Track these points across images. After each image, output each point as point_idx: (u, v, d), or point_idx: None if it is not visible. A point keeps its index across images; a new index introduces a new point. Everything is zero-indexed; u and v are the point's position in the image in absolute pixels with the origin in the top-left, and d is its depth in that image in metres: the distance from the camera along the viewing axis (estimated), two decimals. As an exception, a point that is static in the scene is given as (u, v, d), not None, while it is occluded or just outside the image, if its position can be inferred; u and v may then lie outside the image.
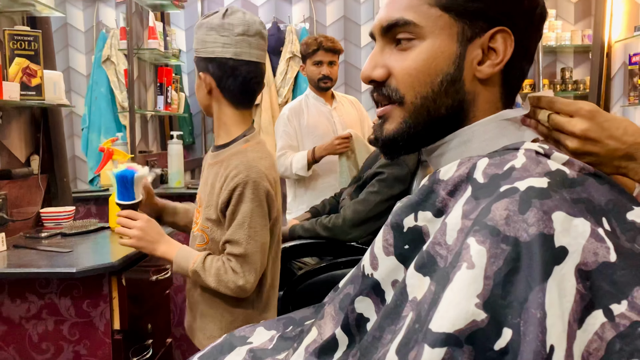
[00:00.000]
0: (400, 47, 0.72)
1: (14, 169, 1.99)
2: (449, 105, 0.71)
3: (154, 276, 1.86)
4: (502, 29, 0.70)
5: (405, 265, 0.70)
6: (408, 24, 0.70)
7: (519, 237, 0.56)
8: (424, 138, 0.74)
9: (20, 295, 1.55)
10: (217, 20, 1.35)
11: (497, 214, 0.58)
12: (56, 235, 1.94)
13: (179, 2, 3.28)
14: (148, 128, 3.45)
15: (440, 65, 0.70)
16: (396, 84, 0.72)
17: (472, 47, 0.70)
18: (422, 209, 0.69)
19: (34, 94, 1.92)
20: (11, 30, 1.90)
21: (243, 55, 1.36)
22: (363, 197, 2.08)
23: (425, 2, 0.70)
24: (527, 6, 0.71)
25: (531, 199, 0.57)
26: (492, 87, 0.72)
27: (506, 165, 0.64)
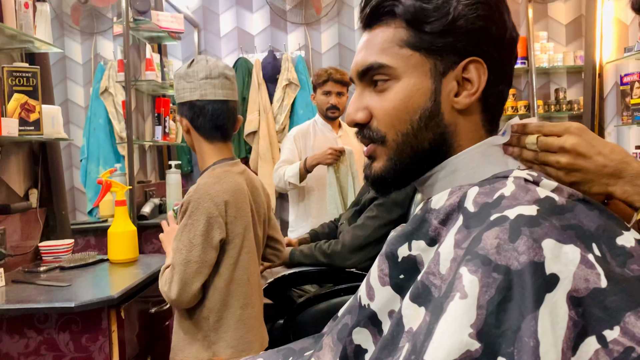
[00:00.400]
0: (378, 89, 0.74)
1: (12, 204, 1.99)
2: (431, 139, 0.73)
3: (153, 308, 1.86)
4: (473, 59, 0.71)
5: (401, 295, 0.70)
6: (382, 66, 0.73)
7: (510, 265, 0.56)
8: (412, 172, 0.76)
9: (19, 331, 1.54)
10: (184, 70, 1.56)
11: (488, 242, 0.58)
12: (55, 269, 1.94)
13: (175, 34, 3.33)
14: (146, 158, 3.47)
15: (417, 102, 0.72)
16: (377, 125, 0.74)
17: (447, 81, 0.72)
18: (416, 238, 0.70)
19: (33, 128, 1.94)
20: (10, 67, 1.92)
21: (208, 95, 1.54)
22: (362, 222, 2.08)
23: (395, 44, 0.72)
24: (495, 34, 0.72)
25: (521, 227, 0.58)
26: (472, 115, 0.74)
27: (496, 193, 0.65)
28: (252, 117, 3.98)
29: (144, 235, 2.89)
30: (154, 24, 3.12)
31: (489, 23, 0.71)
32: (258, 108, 3.99)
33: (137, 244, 2.09)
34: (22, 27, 1.92)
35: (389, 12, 0.73)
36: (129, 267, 1.99)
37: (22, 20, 1.92)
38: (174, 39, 3.44)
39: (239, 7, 4.25)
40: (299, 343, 0.92)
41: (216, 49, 4.29)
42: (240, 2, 4.25)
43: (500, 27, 0.72)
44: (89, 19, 3.51)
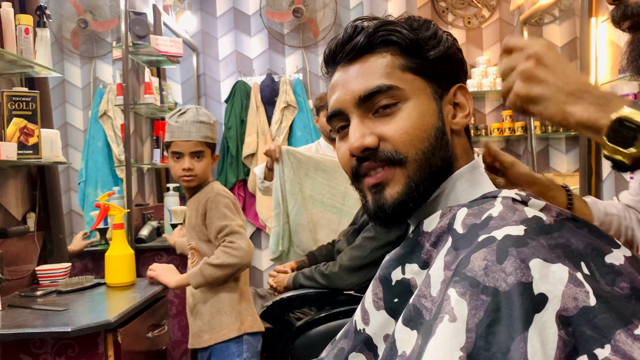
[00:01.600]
0: (383, 114, 0.73)
1: (9, 227, 1.99)
2: (444, 157, 0.75)
3: (150, 332, 1.84)
4: (461, 85, 0.78)
5: (395, 318, 0.70)
6: (392, 88, 0.73)
7: (498, 287, 0.56)
8: (428, 193, 0.74)
9: (15, 357, 1.52)
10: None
11: (476, 264, 0.58)
12: (52, 293, 1.93)
13: (174, 58, 3.36)
14: (145, 181, 3.47)
15: (430, 121, 0.74)
16: (393, 146, 0.72)
17: (444, 104, 0.77)
18: (409, 261, 0.70)
19: (31, 152, 1.94)
20: (9, 92, 1.94)
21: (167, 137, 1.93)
22: (359, 243, 2.07)
23: (397, 69, 0.74)
24: (464, 67, 0.81)
25: (508, 247, 0.58)
26: (463, 138, 0.79)
27: (484, 214, 0.65)
28: (250, 139, 4.00)
29: (141, 258, 2.87)
30: (153, 48, 3.15)
31: (462, 58, 0.80)
32: (256, 130, 4.01)
33: (134, 268, 2.08)
34: (22, 52, 1.94)
35: (383, 42, 0.74)
36: (126, 290, 1.98)
37: (23, 46, 1.94)
38: (173, 63, 3.47)
39: (237, 31, 4.30)
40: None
41: (215, 72, 4.33)
42: (239, 26, 4.30)
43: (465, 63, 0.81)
44: (89, 43, 3.55)
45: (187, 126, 1.83)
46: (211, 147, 1.90)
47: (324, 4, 4.13)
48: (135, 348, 1.72)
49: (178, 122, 1.84)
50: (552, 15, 4.00)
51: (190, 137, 1.84)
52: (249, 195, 4.11)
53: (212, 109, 4.34)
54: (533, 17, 3.83)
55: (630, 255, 0.63)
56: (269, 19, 4.14)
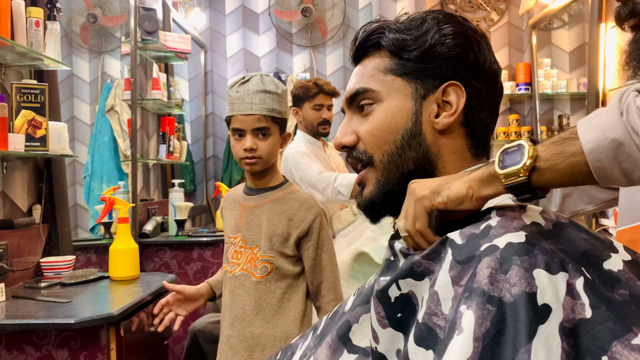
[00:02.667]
0: (364, 113, 0.79)
1: (15, 219, 2.00)
2: (415, 158, 0.76)
3: (153, 327, 1.85)
4: (452, 83, 0.76)
5: (403, 332, 0.69)
6: (367, 90, 0.78)
7: (502, 297, 0.57)
8: (401, 195, 0.75)
9: (17, 347, 1.53)
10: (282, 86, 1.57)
11: (481, 274, 0.59)
12: (55, 285, 1.94)
13: (182, 54, 3.37)
14: (150, 176, 3.48)
15: (399, 122, 0.76)
16: (364, 147, 0.78)
17: (427, 103, 0.76)
18: (401, 277, 0.69)
19: (39, 145, 1.95)
20: (19, 84, 1.95)
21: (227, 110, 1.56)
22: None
23: (380, 71, 0.78)
24: (473, 61, 0.76)
25: (512, 256, 0.58)
26: (455, 138, 0.77)
27: (482, 224, 0.65)
28: (256, 137, 3.99)
29: (145, 253, 2.88)
30: (162, 44, 3.16)
31: (466, 51, 0.76)
32: (262, 128, 4.00)
33: (138, 262, 2.09)
34: (32, 45, 1.95)
35: (375, 45, 0.79)
36: (129, 284, 1.99)
37: (33, 38, 1.95)
38: (181, 59, 3.48)
39: (245, 29, 4.30)
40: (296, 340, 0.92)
41: (222, 69, 4.34)
42: (247, 24, 4.30)
43: (478, 55, 0.77)
44: (98, 38, 3.56)
45: (248, 97, 1.48)
46: (280, 124, 1.53)
47: (333, 4, 4.13)
48: (138, 342, 1.72)
49: (239, 91, 1.49)
50: (561, 20, 3.99)
51: (252, 111, 1.48)
52: (254, 193, 4.12)
53: (218, 106, 4.35)
54: (542, 21, 3.83)
55: (629, 259, 0.63)
56: (277, 17, 4.15)
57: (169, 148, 3.33)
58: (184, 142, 3.64)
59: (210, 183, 4.30)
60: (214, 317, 2.41)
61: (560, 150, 0.61)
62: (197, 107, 4.33)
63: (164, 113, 3.51)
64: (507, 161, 0.64)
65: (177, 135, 3.46)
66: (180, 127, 3.65)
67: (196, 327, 2.39)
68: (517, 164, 0.62)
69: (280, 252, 1.48)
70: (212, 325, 2.35)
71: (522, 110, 4.08)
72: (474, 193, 0.66)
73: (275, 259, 1.48)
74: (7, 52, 1.91)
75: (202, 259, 2.91)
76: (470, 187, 0.66)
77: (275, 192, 1.53)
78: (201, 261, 2.91)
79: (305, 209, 1.50)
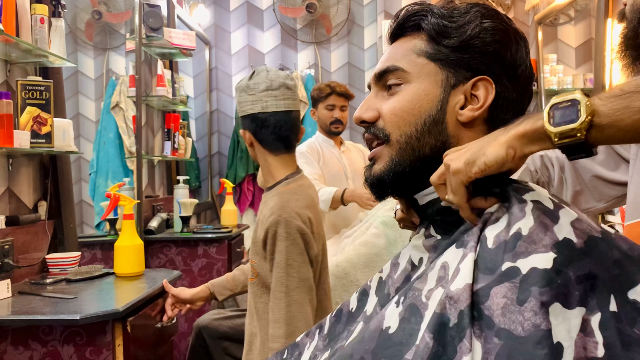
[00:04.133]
0: (390, 92, 0.78)
1: (21, 215, 2.00)
2: (432, 145, 0.75)
3: (159, 323, 1.85)
4: (484, 78, 0.75)
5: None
6: (397, 69, 0.77)
7: (512, 330, 0.55)
8: (411, 178, 0.76)
9: (24, 343, 1.54)
10: (245, 82, 1.52)
11: (495, 301, 0.57)
12: (61, 281, 1.94)
13: (186, 51, 3.37)
14: (155, 173, 3.49)
15: (424, 107, 0.75)
16: (383, 124, 0.77)
17: (455, 93, 0.75)
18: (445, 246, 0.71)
19: (44, 141, 1.96)
20: (24, 81, 1.95)
21: (269, 107, 1.49)
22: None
23: (414, 53, 0.77)
24: (509, 61, 0.76)
25: (531, 286, 0.56)
26: (476, 133, 0.75)
27: (513, 226, 0.62)
28: (260, 134, 4.00)
29: (150, 249, 2.89)
30: (166, 41, 3.16)
31: (504, 49, 0.75)
32: (267, 125, 4.01)
33: (143, 258, 2.09)
34: (37, 41, 1.95)
35: (414, 26, 0.78)
36: (134, 280, 1.99)
37: (38, 35, 1.96)
38: (186, 56, 3.48)
39: (250, 25, 4.30)
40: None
41: (227, 66, 4.34)
42: (252, 21, 4.30)
43: (515, 56, 0.76)
44: (102, 34, 3.56)
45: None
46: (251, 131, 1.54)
47: (338, 0, 4.12)
48: (144, 338, 1.73)
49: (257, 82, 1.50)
50: (568, 16, 3.96)
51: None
52: (258, 189, 4.12)
53: (223, 103, 4.35)
54: (548, 17, 3.80)
55: None
56: (282, 14, 4.14)
57: (174, 145, 3.33)
58: (188, 138, 3.65)
59: (215, 180, 4.30)
60: (219, 313, 2.42)
61: (626, 104, 0.56)
62: (202, 104, 4.33)
63: (169, 110, 3.51)
64: (559, 117, 0.59)
65: (182, 132, 3.46)
66: (185, 123, 3.65)
67: (201, 323, 2.40)
68: (573, 121, 0.58)
69: (263, 257, 1.44)
70: (217, 321, 2.35)
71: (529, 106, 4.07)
72: (517, 152, 0.62)
73: (258, 264, 1.46)
74: (12, 48, 1.92)
75: (207, 255, 2.92)
76: (511, 146, 0.62)
77: (269, 193, 1.51)
78: (206, 257, 2.92)
79: (270, 213, 1.42)
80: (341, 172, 2.72)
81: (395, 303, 0.66)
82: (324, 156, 2.75)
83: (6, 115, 1.75)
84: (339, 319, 0.83)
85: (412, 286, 0.66)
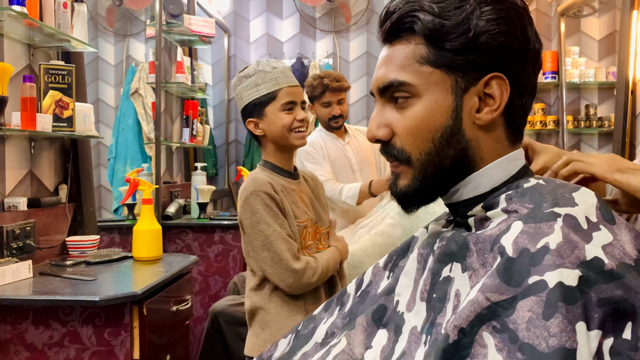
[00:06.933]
0: (398, 106, 0.74)
1: (42, 198, 2.04)
2: (452, 156, 0.72)
3: (175, 306, 1.88)
4: (495, 75, 0.71)
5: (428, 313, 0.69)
6: (402, 84, 0.72)
7: (536, 346, 0.53)
8: (436, 190, 0.75)
9: (44, 322, 1.57)
10: (236, 79, 1.57)
11: (520, 315, 0.55)
12: (81, 264, 1.98)
13: (206, 38, 3.38)
14: (173, 159, 3.51)
15: (439, 120, 0.71)
16: (401, 144, 0.74)
17: (468, 97, 0.71)
18: (456, 260, 0.68)
19: (66, 125, 1.98)
20: (46, 65, 1.97)
21: (262, 90, 1.51)
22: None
23: (415, 61, 0.72)
24: (517, 48, 0.71)
25: (558, 302, 0.54)
26: (494, 130, 0.73)
27: (540, 240, 0.59)
28: (278, 122, 4.00)
29: (167, 235, 2.92)
30: (186, 28, 3.17)
31: (511, 38, 0.70)
32: (284, 114, 4.01)
33: (161, 243, 2.11)
34: (60, 26, 1.97)
35: (409, 29, 0.72)
36: (152, 264, 2.02)
37: (60, 20, 1.97)
38: (205, 43, 3.49)
39: (269, 13, 4.29)
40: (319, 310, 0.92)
41: (245, 54, 4.34)
42: (271, 9, 4.29)
43: (523, 41, 0.71)
44: (123, 21, 3.58)
45: (288, 71, 1.53)
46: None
47: (358, -11, 4.09)
48: (160, 321, 1.75)
49: (276, 67, 1.52)
50: (592, 7, 3.89)
51: (296, 83, 1.54)
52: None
53: (241, 91, 4.36)
54: (571, 8, 3.74)
55: None
56: (301, 2, 4.13)
57: (192, 132, 3.35)
58: (206, 126, 3.66)
59: (232, 167, 4.33)
60: (234, 300, 2.44)
61: None
62: (220, 92, 4.35)
63: (188, 97, 3.53)
64: None
65: (200, 119, 3.48)
66: (204, 111, 3.67)
67: (216, 308, 2.42)
68: None
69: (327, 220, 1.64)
70: (232, 307, 2.38)
71: (548, 99, 4.01)
72: None
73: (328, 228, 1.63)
74: (35, 33, 1.94)
75: (224, 241, 2.94)
76: None
77: (299, 172, 1.62)
78: (222, 244, 2.94)
79: (320, 183, 1.69)
80: (347, 166, 2.67)
81: (424, 343, 0.65)
82: (328, 152, 2.67)
83: (29, 98, 1.77)
84: (363, 299, 0.83)
85: (435, 322, 0.65)
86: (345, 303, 0.86)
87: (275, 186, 1.47)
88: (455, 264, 0.68)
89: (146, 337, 1.62)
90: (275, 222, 1.43)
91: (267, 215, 1.42)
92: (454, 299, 0.65)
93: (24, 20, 1.77)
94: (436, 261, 0.71)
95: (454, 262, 0.68)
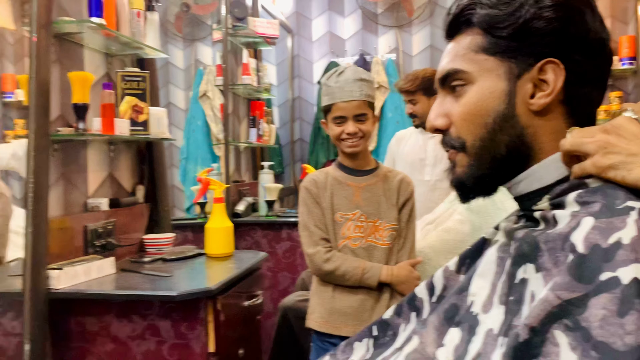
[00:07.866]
0: (456, 94, 0.76)
1: (122, 198, 2.15)
2: (507, 142, 0.72)
3: (247, 302, 1.93)
4: (550, 61, 0.71)
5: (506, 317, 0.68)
6: (457, 71, 0.75)
7: (611, 344, 0.52)
8: (493, 178, 0.75)
9: (127, 316, 1.66)
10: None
11: (593, 313, 0.54)
12: (157, 260, 2.07)
13: (270, 39, 3.44)
14: (241, 159, 3.61)
15: (491, 105, 0.73)
16: (457, 132, 0.76)
17: (522, 83, 0.72)
18: (529, 261, 0.67)
19: (142, 129, 2.08)
20: (123, 72, 2.08)
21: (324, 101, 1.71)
22: None
23: (471, 50, 0.74)
24: (574, 34, 0.71)
25: (634, 298, 0.53)
26: (553, 119, 0.72)
27: (612, 235, 0.58)
28: (342, 120, 4.02)
29: (237, 232, 2.99)
30: (251, 30, 3.25)
31: (566, 24, 0.70)
32: (348, 111, 4.02)
33: (233, 240, 2.18)
34: (134, 34, 2.07)
35: (467, 22, 0.75)
36: (224, 261, 2.08)
37: (135, 28, 2.07)
38: (269, 44, 3.55)
39: (331, 11, 4.31)
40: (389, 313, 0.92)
41: (308, 53, 4.38)
42: (333, 7, 4.31)
43: (580, 27, 0.71)
44: (190, 26, 3.71)
45: (348, 85, 1.65)
46: (372, 108, 1.71)
47: (420, -18, 4.04)
48: (232, 316, 1.81)
49: (338, 82, 1.66)
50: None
51: (353, 97, 1.65)
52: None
53: (304, 90, 4.41)
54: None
55: None
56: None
57: (259, 131, 3.43)
58: (272, 125, 3.74)
59: (297, 165, 4.39)
60: (302, 295, 2.48)
61: None
62: (284, 92, 4.41)
63: (254, 98, 3.61)
64: None
65: (266, 119, 3.55)
66: (269, 111, 3.74)
67: (286, 304, 2.47)
68: None
69: (397, 219, 1.72)
70: (301, 302, 2.41)
71: (626, 87, 3.81)
72: None
73: (397, 226, 1.72)
74: (112, 42, 2.05)
75: (291, 238, 2.99)
76: None
77: (380, 172, 1.74)
78: (290, 241, 2.99)
79: (406, 184, 1.75)
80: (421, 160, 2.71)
81: (501, 346, 0.65)
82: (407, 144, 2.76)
83: (108, 105, 1.88)
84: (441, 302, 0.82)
85: (512, 324, 0.65)
86: (420, 308, 0.86)
87: (319, 181, 1.71)
88: (529, 264, 0.67)
89: (220, 332, 1.67)
90: (306, 212, 1.69)
91: (301, 205, 1.71)
92: (529, 300, 0.64)
93: (102, 31, 1.87)
94: (512, 264, 0.70)
95: (527, 262, 0.67)
